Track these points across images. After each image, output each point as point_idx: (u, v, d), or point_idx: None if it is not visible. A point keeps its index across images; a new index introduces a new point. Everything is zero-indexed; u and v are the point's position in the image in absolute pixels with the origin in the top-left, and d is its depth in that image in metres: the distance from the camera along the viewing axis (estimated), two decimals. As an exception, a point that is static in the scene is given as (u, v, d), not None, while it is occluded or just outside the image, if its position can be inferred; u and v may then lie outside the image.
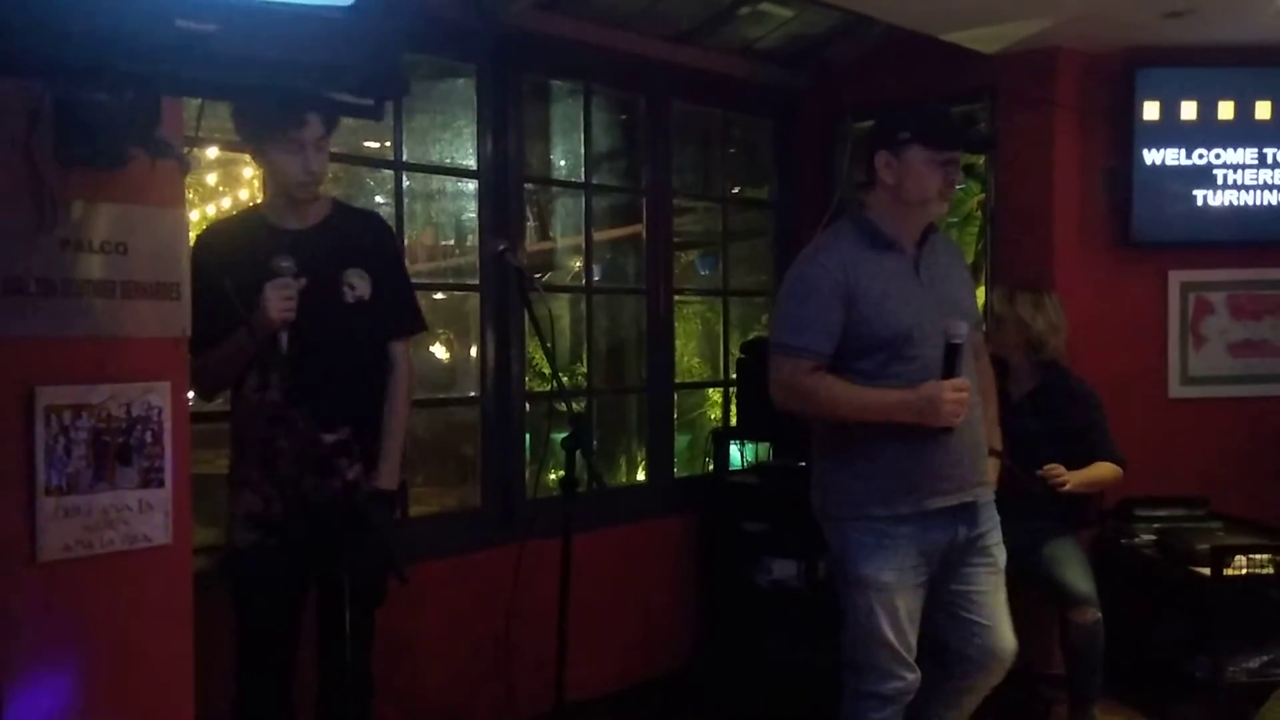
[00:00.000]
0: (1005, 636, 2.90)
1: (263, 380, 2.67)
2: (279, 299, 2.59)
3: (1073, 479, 3.72)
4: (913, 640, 2.83)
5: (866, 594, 2.79)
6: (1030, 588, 3.98)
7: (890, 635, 2.79)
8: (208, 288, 2.44)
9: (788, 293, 2.84)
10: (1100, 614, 3.69)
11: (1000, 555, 2.92)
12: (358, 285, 2.78)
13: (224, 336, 2.60)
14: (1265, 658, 3.89)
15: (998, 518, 2.93)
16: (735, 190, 5.42)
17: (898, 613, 2.79)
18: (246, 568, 2.73)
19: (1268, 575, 3.71)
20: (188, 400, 2.33)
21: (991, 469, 2.99)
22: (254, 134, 2.70)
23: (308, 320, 2.63)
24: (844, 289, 2.72)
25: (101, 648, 2.12)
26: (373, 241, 2.88)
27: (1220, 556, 3.67)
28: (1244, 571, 3.68)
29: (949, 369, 2.69)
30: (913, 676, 2.83)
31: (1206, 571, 3.69)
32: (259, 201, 2.87)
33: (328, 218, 2.82)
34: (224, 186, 5.00)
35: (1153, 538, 4.12)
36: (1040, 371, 4.01)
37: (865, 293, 2.73)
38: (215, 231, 2.91)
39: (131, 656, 2.16)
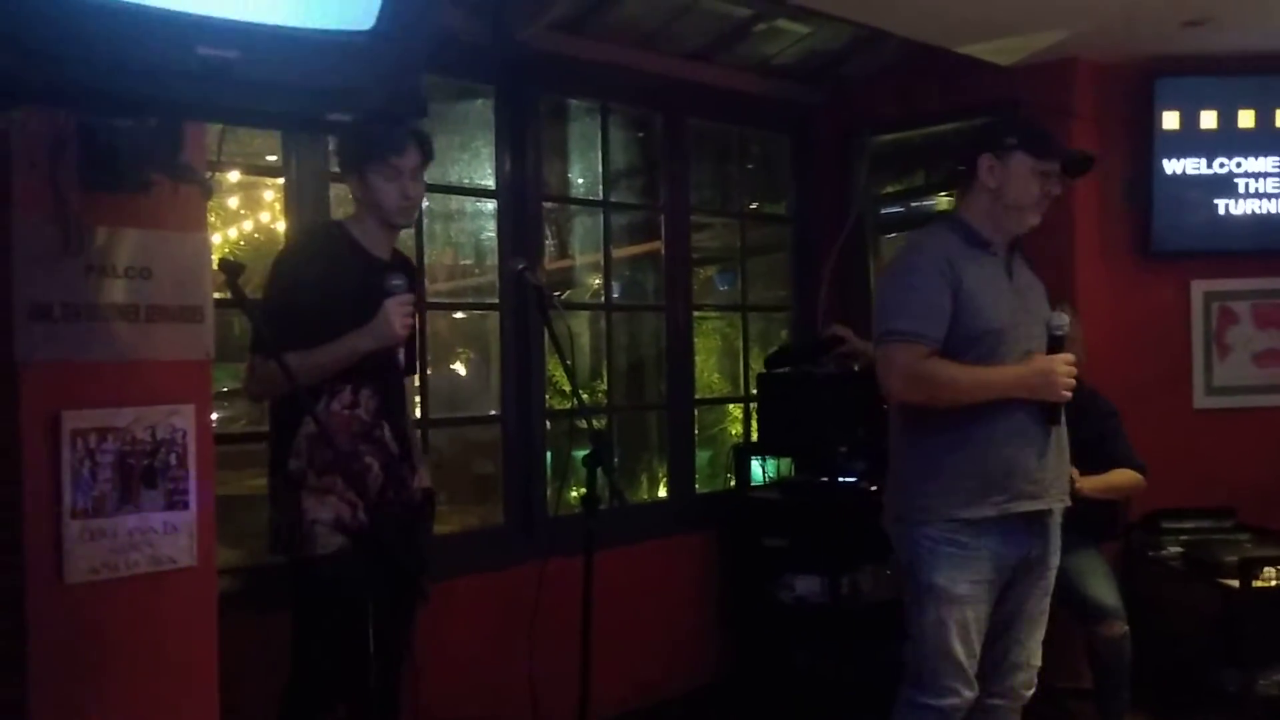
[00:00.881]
0: (1037, 656, 2.91)
1: (354, 399, 2.75)
2: (402, 314, 2.68)
3: (1087, 485, 3.68)
4: (977, 656, 2.79)
5: (938, 605, 2.76)
6: (1056, 602, 3.95)
7: (958, 649, 2.75)
8: (293, 300, 2.61)
9: (896, 281, 2.86)
10: (1127, 628, 3.66)
11: (1053, 579, 2.92)
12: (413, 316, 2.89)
13: (296, 346, 2.59)
14: (1296, 670, 3.85)
15: (1060, 540, 2.92)
16: (753, 206, 5.42)
17: (967, 627, 2.76)
18: (331, 570, 2.72)
19: (1297, 587, 3.67)
20: (211, 422, 2.35)
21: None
22: (354, 161, 2.79)
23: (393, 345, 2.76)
24: (950, 278, 2.75)
25: (127, 669, 2.13)
26: (412, 278, 2.97)
27: (1248, 568, 3.64)
28: (1273, 583, 3.65)
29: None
30: (970, 694, 2.79)
31: (1235, 583, 3.66)
32: (344, 218, 2.94)
33: (394, 252, 2.94)
34: (245, 210, 5.04)
35: (1180, 550, 4.09)
36: None
37: (964, 286, 2.76)
38: (302, 247, 2.97)
39: (157, 677, 2.18)
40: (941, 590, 2.75)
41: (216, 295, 2.42)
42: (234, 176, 4.29)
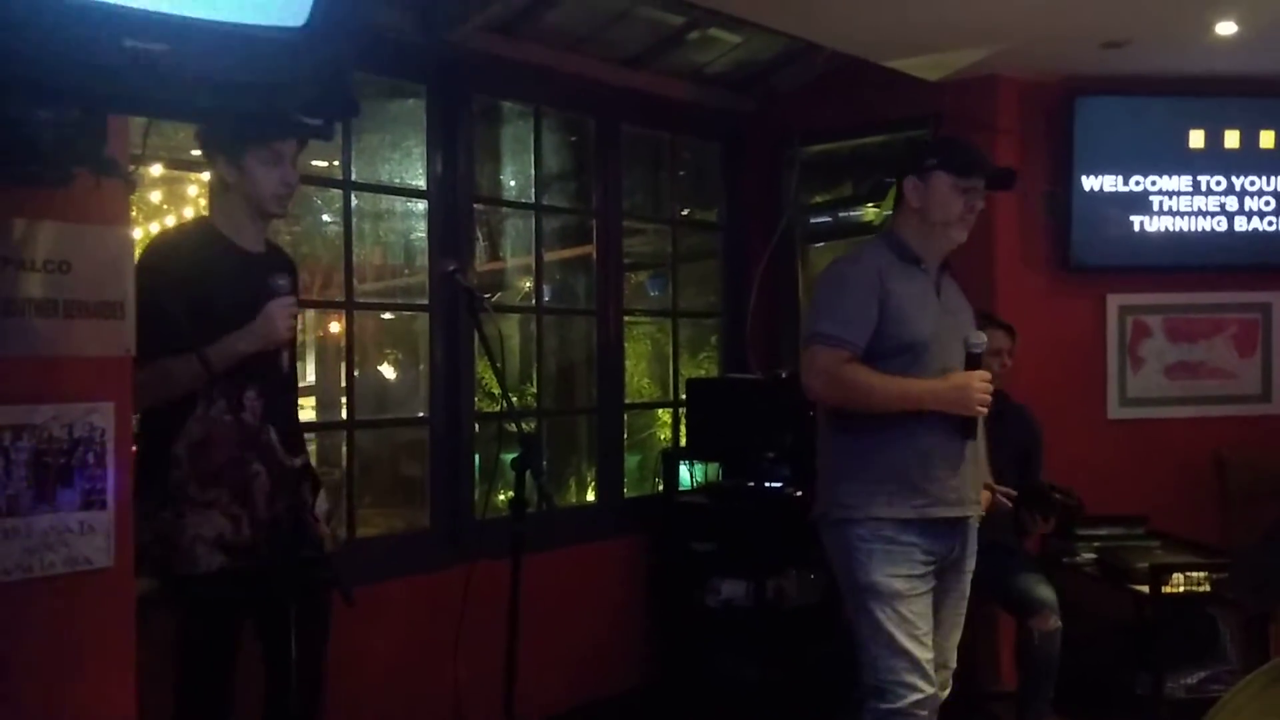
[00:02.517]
0: (953, 658, 2.98)
1: (236, 403, 2.60)
2: (285, 315, 2.60)
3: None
4: (930, 652, 2.82)
5: (878, 604, 2.79)
6: (986, 602, 4.04)
7: (908, 644, 2.78)
8: (165, 300, 2.44)
9: (829, 288, 2.97)
10: (1060, 623, 3.74)
11: (968, 583, 2.99)
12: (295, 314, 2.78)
13: (170, 351, 2.52)
14: (1203, 673, 3.97)
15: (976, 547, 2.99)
16: (684, 212, 5.46)
17: (913, 621, 2.80)
18: (210, 591, 2.61)
19: (1205, 593, 3.79)
20: (131, 421, 2.30)
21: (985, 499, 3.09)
22: (228, 145, 2.63)
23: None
24: (879, 290, 2.85)
25: (42, 671, 2.08)
26: (294, 275, 2.88)
27: (1159, 574, 3.74)
28: (1182, 589, 3.76)
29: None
30: (931, 689, 2.81)
31: (1145, 589, 3.76)
32: (207, 217, 2.79)
33: (270, 245, 2.82)
34: (168, 204, 4.94)
35: (1093, 556, 4.19)
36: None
37: (895, 298, 2.86)
38: (169, 244, 2.82)
39: (73, 679, 2.13)
40: (879, 587, 2.79)
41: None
42: (157, 170, 4.21)
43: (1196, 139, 4.70)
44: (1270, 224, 4.73)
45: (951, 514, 2.86)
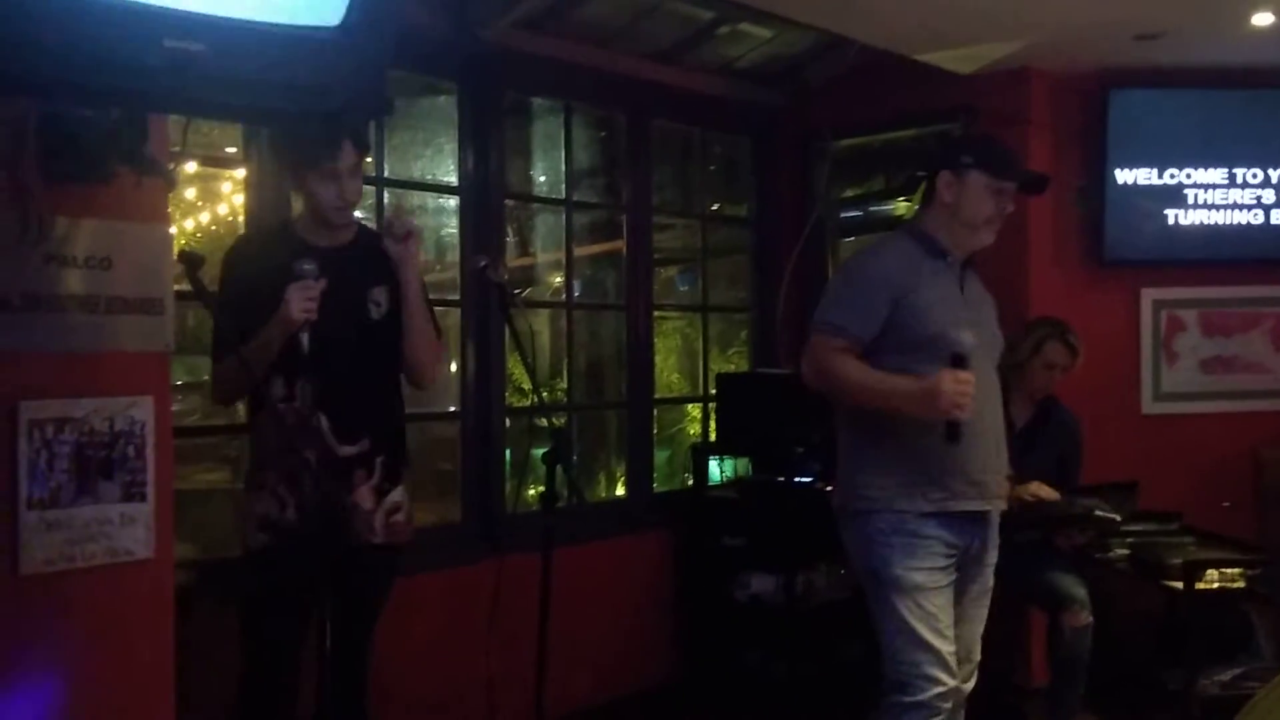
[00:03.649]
0: (977, 653, 2.95)
1: (289, 390, 2.73)
2: (300, 298, 2.64)
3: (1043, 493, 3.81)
4: (951, 644, 2.81)
5: (900, 596, 2.78)
6: (1017, 598, 4.03)
7: (929, 637, 2.77)
8: (238, 296, 2.65)
9: (841, 276, 2.98)
10: (1092, 619, 3.72)
11: (991, 578, 2.96)
12: (383, 303, 2.85)
13: (245, 342, 2.63)
14: (1237, 670, 3.93)
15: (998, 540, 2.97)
16: (714, 207, 5.46)
17: (934, 614, 2.78)
18: (258, 570, 2.76)
19: (1239, 589, 3.75)
20: (170, 414, 2.34)
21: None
22: (290, 164, 2.82)
23: (335, 333, 2.70)
24: (896, 285, 2.82)
25: (82, 660, 2.12)
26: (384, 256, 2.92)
27: (1192, 571, 3.71)
28: (1216, 585, 3.72)
29: None
30: (954, 681, 2.80)
31: (1179, 585, 3.73)
32: (293, 217, 2.97)
33: (355, 238, 2.91)
34: (203, 201, 4.99)
35: (1126, 552, 4.16)
36: (1037, 403, 4.06)
37: (916, 291, 2.83)
38: (248, 241, 3.04)
39: (112, 669, 2.17)
40: (900, 581, 2.78)
41: (175, 287, 2.41)
42: (191, 168, 4.26)
43: (1232, 131, 4.64)
44: (1307, 217, 4.67)
45: (972, 508, 2.83)
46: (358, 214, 4.18)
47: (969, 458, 2.80)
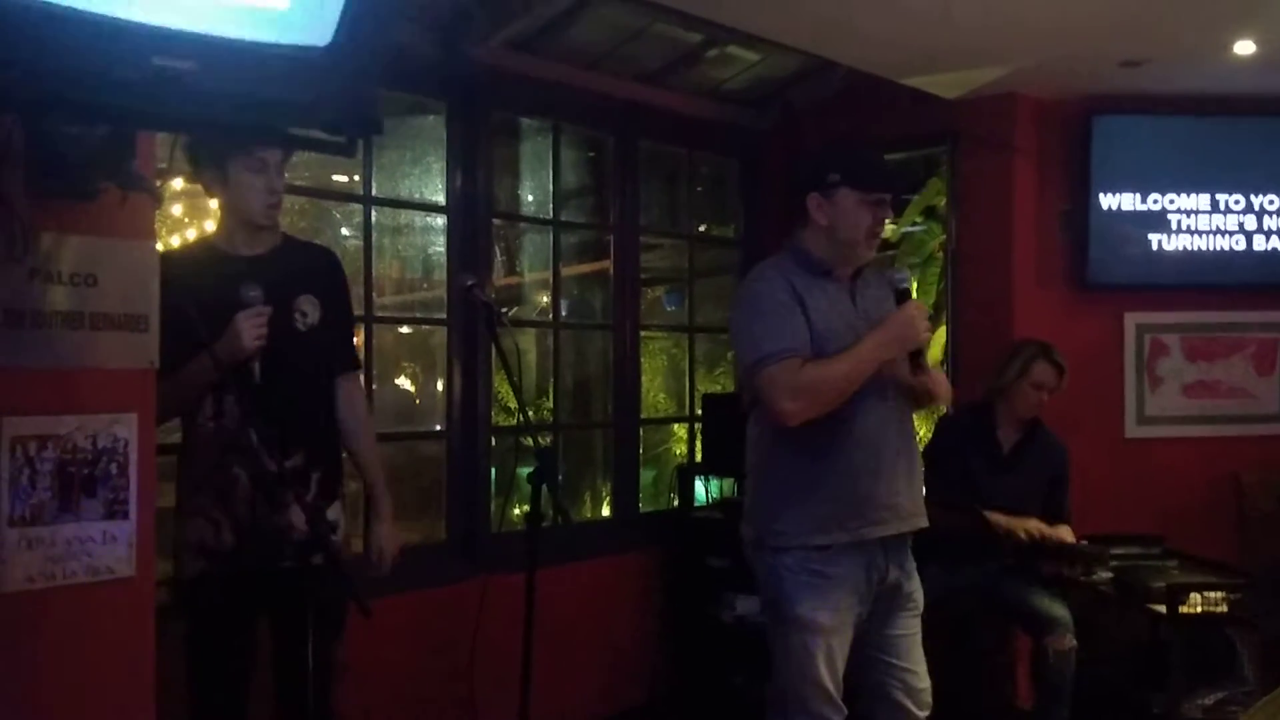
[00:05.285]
0: (925, 679, 2.88)
1: (217, 408, 2.66)
2: (252, 327, 2.60)
3: (1044, 531, 3.87)
4: (840, 679, 2.79)
5: (801, 635, 2.75)
6: (1001, 621, 4.03)
7: (824, 676, 2.74)
8: (167, 315, 2.43)
9: (749, 312, 2.81)
10: (1076, 642, 3.73)
11: (920, 599, 2.91)
12: (309, 312, 2.79)
13: (182, 364, 2.57)
14: (1220, 694, 3.94)
15: (914, 561, 2.92)
16: (701, 228, 5.48)
17: (832, 653, 2.75)
18: (194, 598, 2.69)
19: (1222, 613, 3.76)
20: (154, 432, 2.33)
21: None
22: (214, 156, 2.67)
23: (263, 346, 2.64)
24: (797, 300, 2.75)
25: (62, 680, 2.10)
26: (323, 270, 2.89)
27: (1175, 594, 3.72)
28: (1199, 609, 3.73)
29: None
30: (839, 718, 2.79)
31: (1162, 609, 3.74)
32: (211, 233, 2.86)
33: (280, 246, 2.84)
34: (190, 218, 4.99)
35: (1109, 575, 4.17)
36: (1024, 425, 4.08)
37: (810, 309, 2.76)
38: (172, 260, 2.82)
39: (92, 689, 2.15)
40: (805, 621, 2.73)
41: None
42: (178, 184, 4.25)
43: (1214, 157, 4.69)
44: (1289, 243, 4.71)
45: (888, 532, 2.78)
46: (345, 232, 4.19)
47: (884, 481, 2.76)
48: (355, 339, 3.04)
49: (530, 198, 4.99)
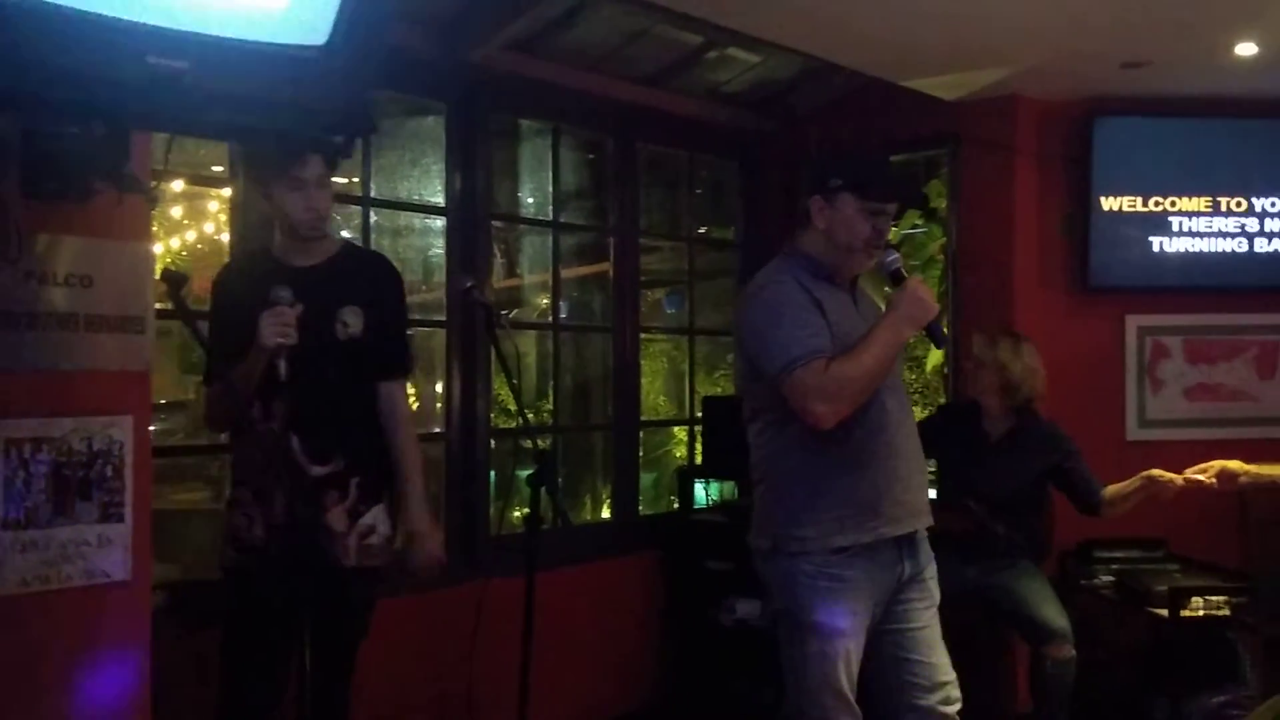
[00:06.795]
0: (949, 672, 2.84)
1: (266, 410, 2.73)
2: (273, 324, 2.64)
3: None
4: (855, 685, 2.76)
5: (820, 642, 2.72)
6: (998, 626, 4.01)
7: (843, 682, 2.72)
8: (224, 323, 2.69)
9: (765, 318, 2.74)
10: (1074, 651, 3.71)
11: (936, 591, 2.87)
12: (351, 323, 2.82)
13: (230, 369, 2.66)
14: (1222, 698, 3.92)
15: (932, 553, 2.90)
16: (701, 230, 5.47)
17: (850, 659, 2.72)
18: (229, 587, 2.77)
19: (1224, 617, 3.75)
20: (150, 434, 2.32)
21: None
22: (258, 175, 2.81)
23: (304, 353, 2.69)
24: (814, 301, 2.72)
25: (58, 683, 2.09)
26: (373, 282, 2.93)
27: (1177, 598, 3.71)
28: (1201, 613, 3.73)
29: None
30: None
31: (1164, 613, 3.73)
32: (273, 242, 2.94)
33: (334, 256, 2.89)
34: (189, 220, 4.98)
35: (1111, 579, 4.17)
36: (1014, 414, 4.05)
37: (827, 311, 2.73)
38: (229, 269, 3.04)
39: (89, 692, 2.14)
40: (824, 627, 2.70)
41: (157, 306, 2.40)
42: (178, 186, 4.24)
43: (1216, 160, 4.67)
44: (1291, 245, 4.70)
45: (903, 530, 2.76)
46: (344, 234, 4.19)
47: (896, 480, 2.75)
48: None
49: (530, 199, 4.98)
